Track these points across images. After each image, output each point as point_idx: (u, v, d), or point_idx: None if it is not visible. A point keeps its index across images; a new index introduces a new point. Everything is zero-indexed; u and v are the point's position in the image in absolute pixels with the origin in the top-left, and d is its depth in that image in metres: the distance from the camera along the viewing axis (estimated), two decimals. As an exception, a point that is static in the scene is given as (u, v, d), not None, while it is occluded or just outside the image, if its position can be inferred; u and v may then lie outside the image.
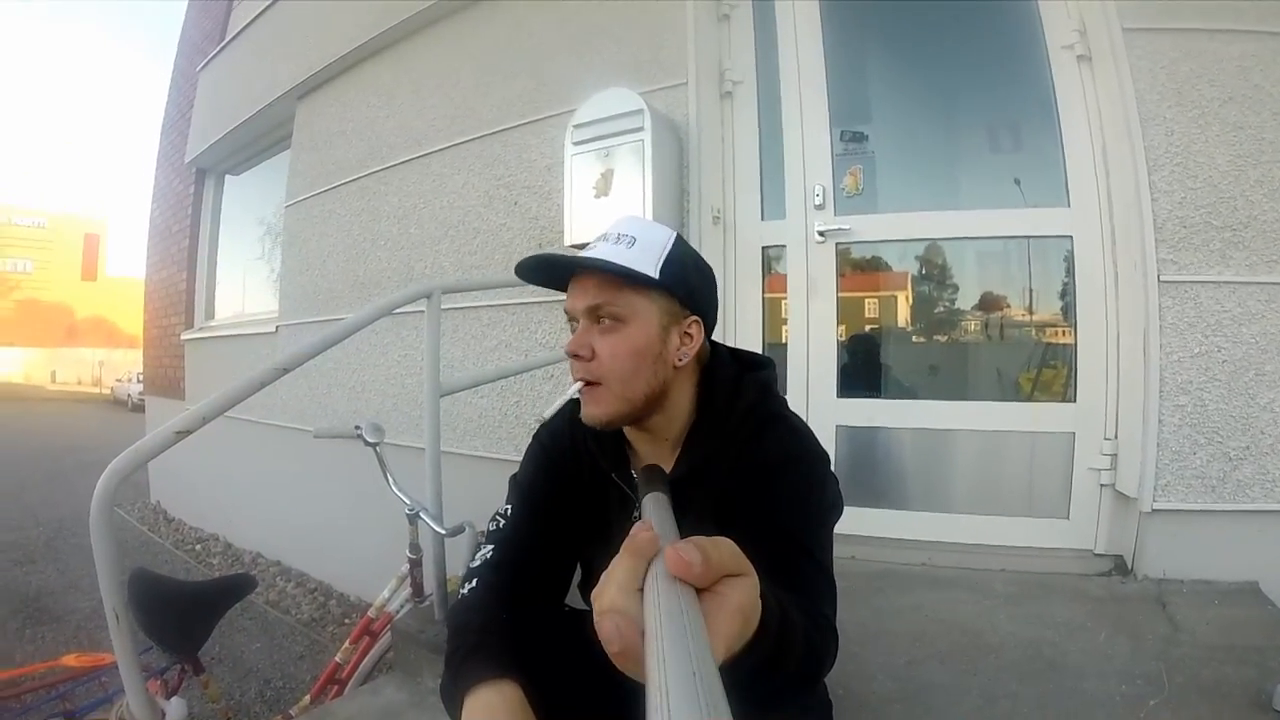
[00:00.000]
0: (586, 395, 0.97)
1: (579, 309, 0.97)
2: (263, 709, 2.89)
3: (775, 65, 2.81)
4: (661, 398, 0.99)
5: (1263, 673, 1.54)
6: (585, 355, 0.96)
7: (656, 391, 0.98)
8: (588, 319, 0.97)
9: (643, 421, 1.00)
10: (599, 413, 0.97)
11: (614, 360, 0.95)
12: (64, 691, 1.96)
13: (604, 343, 0.96)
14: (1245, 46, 2.15)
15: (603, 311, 0.95)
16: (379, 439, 2.12)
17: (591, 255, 0.95)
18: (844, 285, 2.68)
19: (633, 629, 0.41)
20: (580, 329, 0.97)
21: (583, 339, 0.97)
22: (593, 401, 0.97)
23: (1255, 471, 2.08)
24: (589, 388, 0.96)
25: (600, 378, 0.95)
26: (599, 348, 0.96)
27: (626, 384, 0.96)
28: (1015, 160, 2.61)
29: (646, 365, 0.96)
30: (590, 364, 0.96)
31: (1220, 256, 2.12)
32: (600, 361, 0.95)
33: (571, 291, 0.99)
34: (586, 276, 0.97)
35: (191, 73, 6.48)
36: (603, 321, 0.96)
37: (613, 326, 0.96)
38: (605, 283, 0.95)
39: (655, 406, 0.99)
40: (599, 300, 0.95)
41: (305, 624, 3.79)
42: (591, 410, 0.97)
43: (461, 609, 0.97)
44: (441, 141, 3.62)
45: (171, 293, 6.57)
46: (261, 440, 4.83)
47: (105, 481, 1.16)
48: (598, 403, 0.96)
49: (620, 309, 0.95)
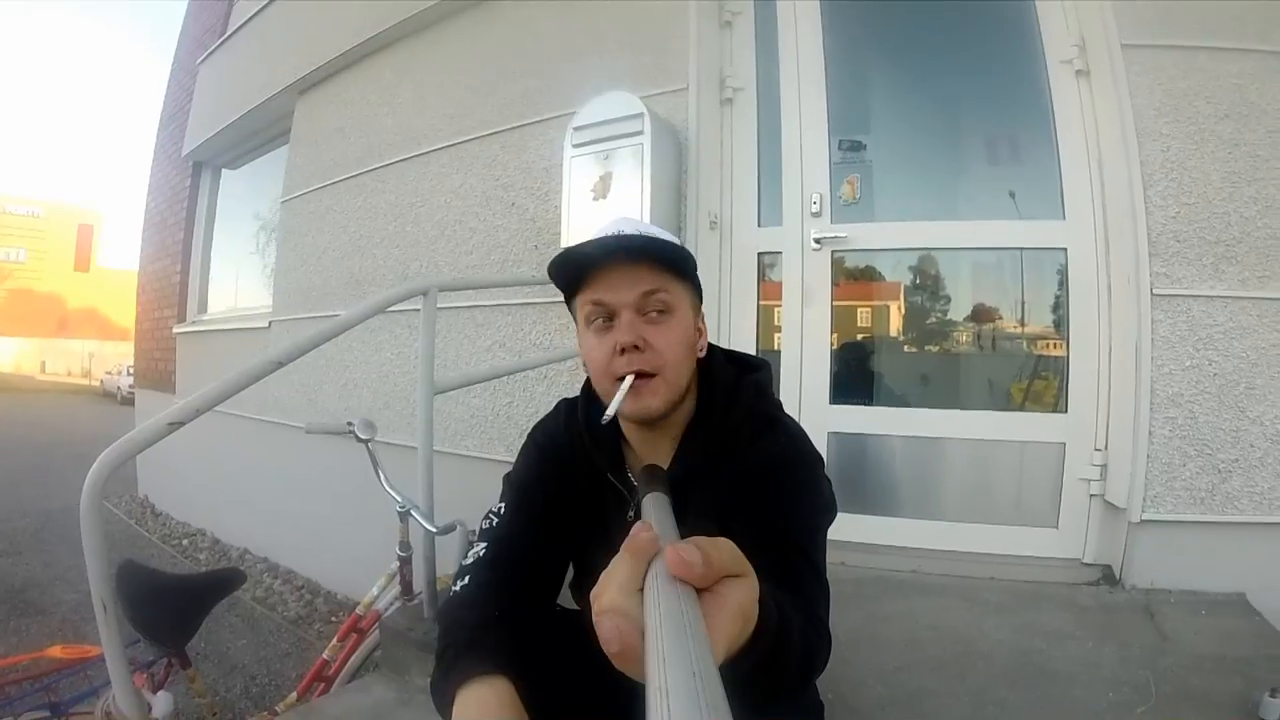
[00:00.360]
0: (642, 388, 0.93)
1: (627, 299, 0.94)
2: (248, 705, 2.87)
3: (776, 73, 2.82)
4: (689, 390, 0.99)
5: (1249, 683, 1.55)
6: (642, 347, 0.93)
7: (691, 382, 0.98)
8: (632, 310, 0.94)
9: (669, 415, 0.99)
10: (656, 404, 0.94)
11: (669, 350, 0.94)
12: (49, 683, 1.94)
13: (657, 333, 0.94)
14: (1242, 64, 2.17)
15: (654, 300, 0.94)
16: (371, 435, 2.11)
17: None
18: (838, 293, 2.69)
19: (632, 629, 0.41)
20: (628, 320, 0.93)
21: (638, 329, 0.93)
22: (650, 393, 0.94)
23: (1244, 484, 2.09)
24: (643, 380, 0.93)
25: (658, 368, 0.94)
26: (652, 338, 0.93)
27: (678, 373, 0.96)
28: (1011, 172, 2.63)
29: (690, 355, 0.98)
30: (646, 355, 0.93)
31: (1213, 271, 2.13)
32: (657, 352, 0.93)
33: (614, 281, 0.94)
34: (632, 265, 0.94)
35: (191, 65, 6.45)
36: (650, 312, 0.94)
37: (661, 317, 0.95)
38: (655, 269, 0.95)
39: (684, 399, 0.99)
40: (653, 286, 0.94)
41: (292, 621, 3.77)
42: (649, 402, 0.94)
43: (453, 605, 0.96)
44: (441, 141, 3.61)
45: (165, 285, 6.54)
46: (252, 435, 4.81)
47: (96, 472, 1.16)
48: (655, 394, 0.94)
49: (670, 297, 0.95)
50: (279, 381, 3.17)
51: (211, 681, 2.94)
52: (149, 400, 6.71)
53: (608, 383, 0.95)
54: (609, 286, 0.94)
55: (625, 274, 0.94)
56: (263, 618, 3.81)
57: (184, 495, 5.89)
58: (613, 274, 0.94)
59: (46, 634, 3.36)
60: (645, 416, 0.96)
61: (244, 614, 3.81)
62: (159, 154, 7.23)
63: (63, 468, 7.77)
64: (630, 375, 0.92)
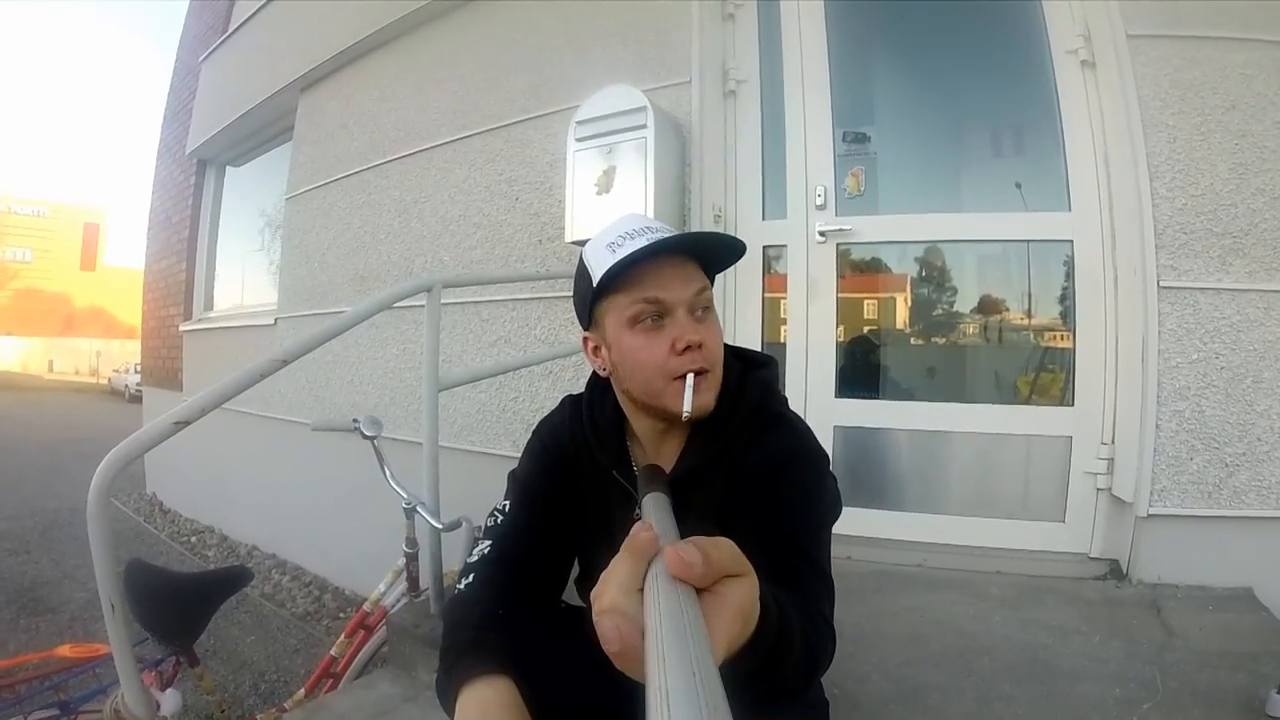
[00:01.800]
0: (701, 385, 0.93)
1: (683, 297, 0.93)
2: (257, 702, 2.89)
3: (779, 65, 2.81)
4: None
5: (1256, 678, 1.54)
6: (698, 345, 0.93)
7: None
8: (685, 308, 0.93)
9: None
10: (710, 400, 0.95)
11: (719, 348, 0.97)
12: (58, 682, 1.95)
13: (708, 330, 0.95)
14: (1249, 54, 2.15)
15: (703, 298, 0.96)
16: (377, 432, 2.11)
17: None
18: (843, 286, 2.68)
19: (632, 629, 0.41)
20: (683, 317, 0.93)
21: (697, 327, 0.94)
22: (707, 389, 0.94)
23: (1251, 478, 2.08)
24: (699, 377, 0.93)
25: (712, 365, 0.95)
26: (704, 336, 0.94)
27: (721, 369, 0.97)
28: (1017, 164, 2.61)
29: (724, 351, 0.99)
30: (703, 353, 0.93)
31: (1220, 263, 2.12)
32: (710, 350, 0.94)
33: (668, 280, 0.93)
34: (684, 262, 0.95)
35: (194, 63, 6.46)
36: (697, 311, 0.95)
37: (707, 314, 0.96)
38: (697, 267, 0.96)
39: None
40: (704, 285, 0.96)
41: (300, 617, 3.79)
42: (706, 399, 0.94)
43: (457, 604, 0.97)
44: (443, 136, 3.61)
45: (170, 283, 6.56)
46: (258, 433, 4.83)
47: (103, 471, 1.16)
48: (710, 389, 0.95)
49: (711, 296, 0.97)
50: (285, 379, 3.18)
51: (220, 679, 2.96)
52: (156, 398, 6.74)
53: (661, 382, 0.94)
54: (662, 284, 0.93)
55: (678, 272, 0.94)
56: (271, 614, 3.83)
57: (192, 493, 5.92)
58: (663, 271, 0.93)
59: (55, 632, 3.38)
60: (704, 414, 0.95)
61: (252, 611, 3.83)
62: (163, 152, 7.25)
63: (70, 466, 7.83)
64: (691, 373, 0.92)
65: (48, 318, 44.15)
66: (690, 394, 0.91)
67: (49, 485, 6.97)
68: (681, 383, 0.92)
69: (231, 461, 5.22)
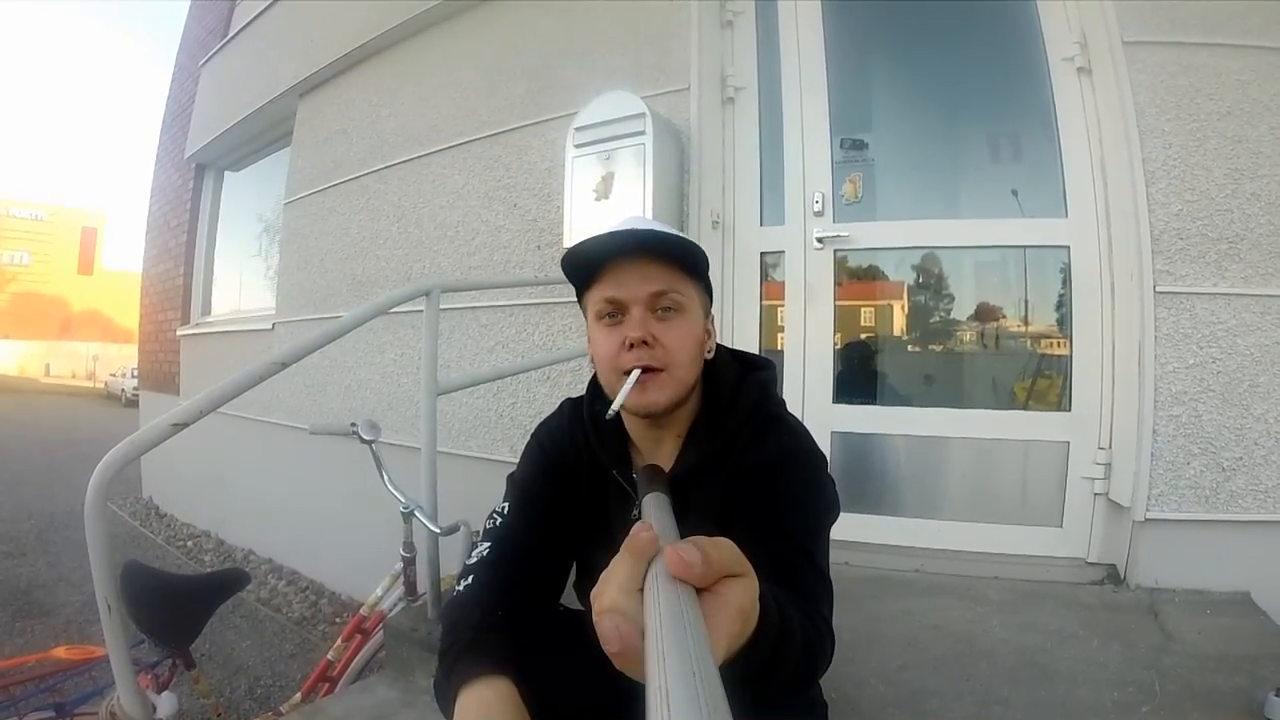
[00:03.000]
0: (649, 382, 0.94)
1: (639, 295, 0.95)
2: (253, 706, 2.88)
3: (777, 72, 2.82)
4: (695, 388, 1.01)
5: (1254, 682, 1.55)
6: (651, 343, 0.94)
7: (697, 381, 1.00)
8: (644, 306, 0.95)
9: (672, 413, 1.00)
10: (662, 399, 0.96)
11: (680, 349, 0.96)
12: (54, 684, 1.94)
13: (667, 330, 0.95)
14: (1245, 61, 2.16)
15: (667, 298, 0.96)
16: (375, 436, 2.11)
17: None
18: (841, 293, 2.68)
19: (632, 629, 0.41)
20: (638, 316, 0.95)
21: (648, 325, 0.95)
22: (656, 388, 0.95)
23: (1248, 482, 2.09)
24: (650, 375, 0.94)
25: (665, 364, 0.95)
26: (662, 335, 0.95)
27: (686, 372, 0.97)
28: (1014, 170, 2.62)
29: (700, 354, 0.99)
30: (655, 351, 0.94)
31: (1216, 268, 2.13)
32: (666, 349, 0.95)
33: (627, 277, 0.96)
34: (647, 262, 0.96)
35: (193, 67, 6.46)
36: (660, 310, 0.96)
37: (674, 313, 0.96)
38: (668, 269, 0.96)
39: (690, 397, 1.00)
40: (665, 286, 0.96)
41: (296, 622, 3.78)
42: (655, 397, 0.95)
43: (457, 605, 0.96)
44: (442, 142, 3.62)
45: (168, 288, 6.55)
46: (256, 436, 4.82)
47: (100, 473, 1.16)
48: (661, 389, 0.95)
49: (681, 296, 0.97)
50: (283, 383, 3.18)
51: (216, 682, 2.95)
52: (153, 402, 6.73)
53: (614, 377, 0.96)
54: (620, 282, 0.96)
55: (637, 270, 0.95)
56: (267, 619, 3.82)
57: (188, 496, 5.90)
58: (625, 270, 0.96)
59: (51, 635, 3.37)
60: (650, 411, 0.96)
61: (248, 615, 3.81)
62: (162, 156, 7.24)
63: (67, 469, 7.80)
64: (636, 370, 0.93)
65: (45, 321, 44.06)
66: (625, 390, 0.93)
67: (45, 488, 6.95)
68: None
69: (228, 465, 5.21)
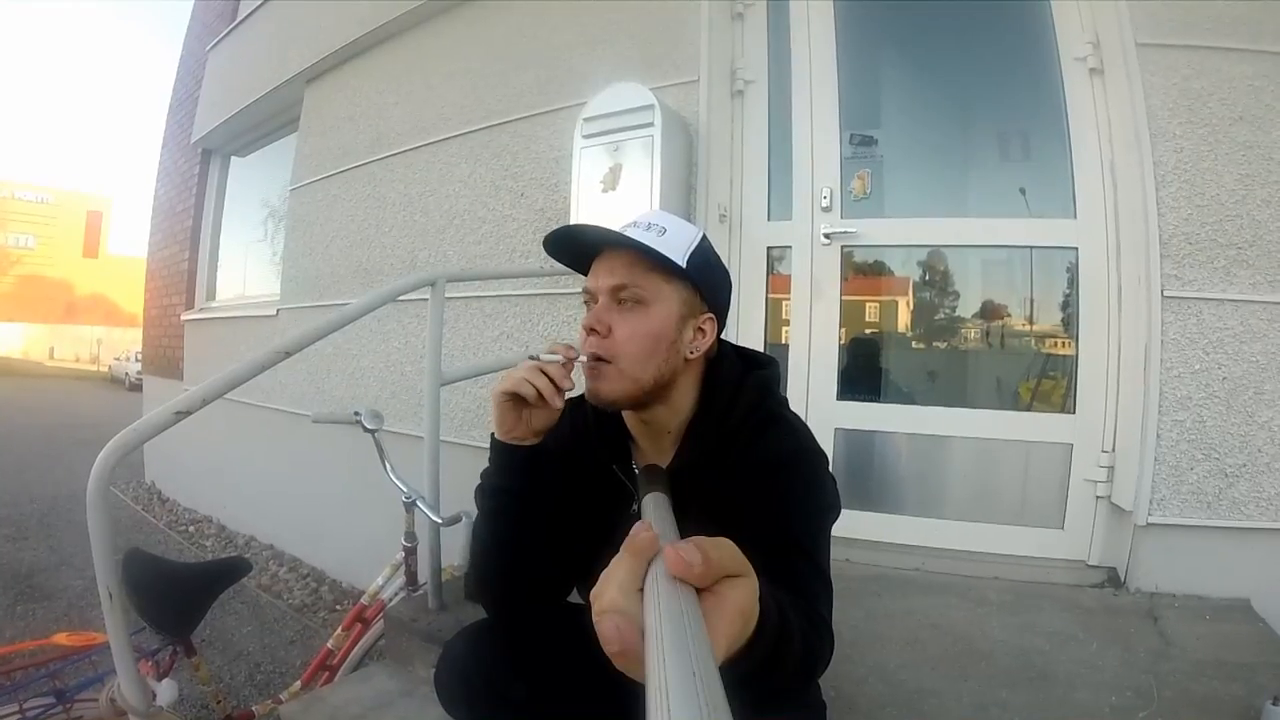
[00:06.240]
0: (593, 372, 0.97)
1: (603, 287, 0.98)
2: (253, 693, 2.89)
3: (787, 66, 2.80)
4: (668, 387, 1.00)
5: (1252, 689, 1.54)
6: (601, 331, 0.96)
7: (665, 380, 0.99)
8: (609, 298, 0.97)
9: (645, 409, 1.01)
10: (604, 390, 0.97)
11: (630, 341, 0.96)
12: (55, 670, 1.95)
13: (623, 322, 0.96)
14: (1258, 66, 2.15)
15: (627, 292, 0.96)
16: (378, 425, 2.11)
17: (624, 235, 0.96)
18: (846, 288, 2.68)
19: (632, 629, 0.41)
20: (600, 306, 0.98)
21: (602, 315, 0.97)
22: (599, 378, 0.97)
23: (1251, 489, 2.08)
24: (597, 364, 0.96)
25: (612, 356, 0.96)
26: (616, 327, 0.96)
27: (637, 365, 0.96)
28: (1023, 170, 2.61)
29: (660, 351, 0.97)
30: (605, 341, 0.96)
31: (1224, 274, 2.12)
32: (615, 341, 0.96)
33: (596, 270, 1.00)
34: (614, 256, 0.98)
35: (201, 52, 6.46)
36: (624, 302, 0.97)
37: (634, 308, 0.97)
38: (633, 264, 0.96)
39: (660, 395, 1.00)
40: (625, 280, 0.96)
41: (297, 609, 3.79)
42: (596, 386, 0.97)
43: None
44: (449, 130, 3.61)
45: (173, 272, 6.56)
46: (258, 423, 4.83)
47: (103, 460, 1.16)
48: (604, 380, 0.97)
49: (644, 291, 0.97)
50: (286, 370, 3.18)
51: (216, 669, 2.96)
52: (157, 387, 6.75)
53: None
54: (597, 273, 1.00)
55: (607, 263, 0.99)
56: (268, 605, 3.84)
57: (191, 482, 5.93)
58: (603, 262, 0.99)
59: (52, 619, 3.38)
60: (596, 401, 0.99)
61: (249, 601, 3.83)
62: (168, 141, 7.24)
63: (70, 453, 7.84)
64: (587, 356, 0.97)
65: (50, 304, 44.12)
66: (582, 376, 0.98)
67: (48, 472, 6.98)
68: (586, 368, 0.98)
69: (231, 451, 5.23)
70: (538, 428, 0.98)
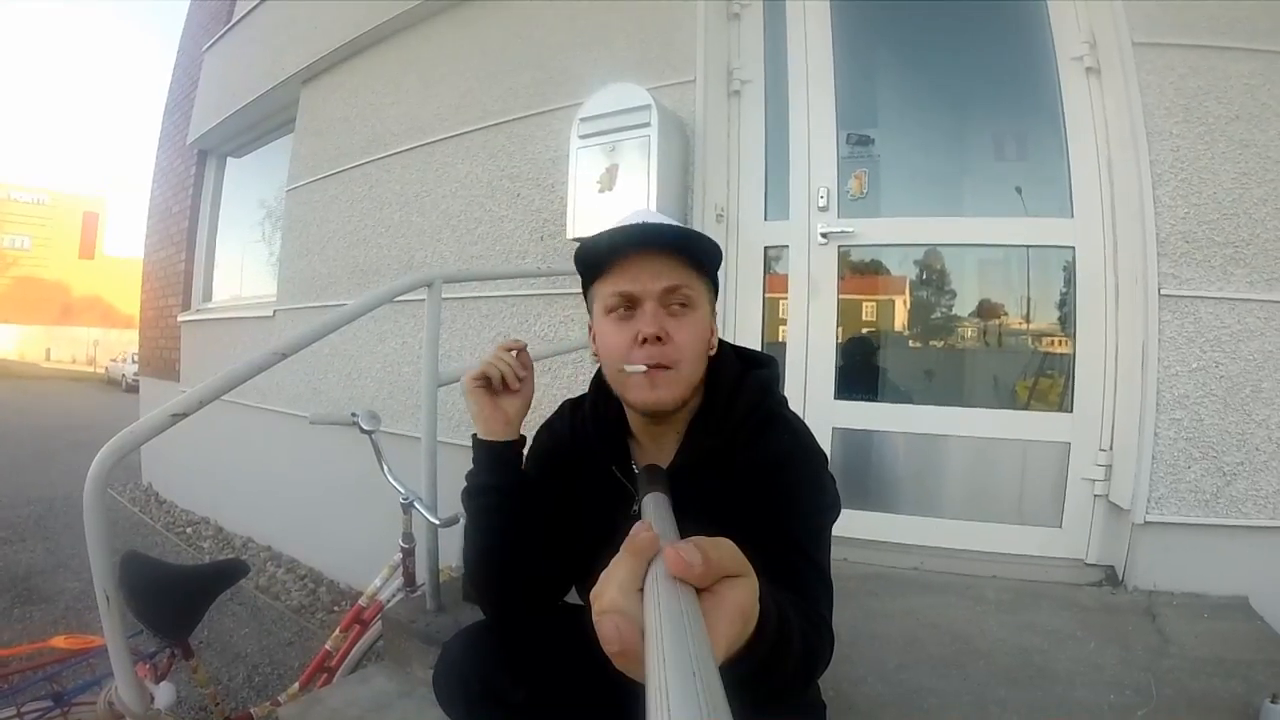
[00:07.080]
0: (657, 378, 0.94)
1: (652, 290, 0.94)
2: (251, 694, 2.88)
3: (784, 66, 2.80)
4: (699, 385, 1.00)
5: (1250, 687, 1.55)
6: (664, 339, 0.93)
7: (702, 378, 0.99)
8: (658, 301, 0.94)
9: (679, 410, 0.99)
10: (670, 396, 0.95)
11: (690, 345, 0.95)
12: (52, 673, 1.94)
13: (679, 326, 0.95)
14: (1254, 65, 2.15)
15: (679, 294, 0.95)
16: (375, 426, 2.11)
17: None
18: (843, 288, 2.68)
19: (632, 629, 0.41)
20: (652, 311, 0.94)
21: (660, 321, 0.94)
22: (665, 385, 0.94)
23: (1249, 487, 2.08)
24: (659, 371, 0.93)
25: (675, 362, 0.94)
26: (674, 331, 0.94)
27: (694, 368, 0.96)
28: (1020, 169, 2.61)
29: (704, 351, 0.98)
30: (666, 348, 0.93)
31: (1221, 273, 2.12)
32: (677, 346, 0.94)
33: (640, 272, 0.95)
34: (656, 257, 0.94)
35: (197, 53, 6.44)
36: (673, 305, 0.95)
37: (684, 311, 0.95)
38: (681, 264, 0.95)
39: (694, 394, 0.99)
40: (678, 281, 0.95)
41: (295, 610, 3.79)
42: (663, 394, 0.95)
43: None
44: (446, 130, 3.61)
45: (169, 274, 6.55)
46: (256, 424, 4.82)
47: (100, 462, 1.15)
48: (670, 386, 0.95)
49: (693, 292, 0.96)
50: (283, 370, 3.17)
51: (214, 671, 2.96)
52: (153, 388, 6.73)
53: (619, 372, 0.96)
54: (633, 276, 0.95)
55: (652, 265, 0.94)
56: (266, 607, 3.83)
57: (188, 483, 5.91)
58: (639, 264, 0.95)
59: (50, 622, 3.37)
60: (658, 409, 0.96)
61: (247, 603, 3.82)
62: (164, 142, 7.22)
63: (67, 455, 7.82)
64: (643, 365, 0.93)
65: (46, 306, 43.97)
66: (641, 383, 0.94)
67: (44, 473, 6.96)
68: (640, 376, 0.94)
69: (228, 453, 5.21)
70: (511, 415, 1.00)
